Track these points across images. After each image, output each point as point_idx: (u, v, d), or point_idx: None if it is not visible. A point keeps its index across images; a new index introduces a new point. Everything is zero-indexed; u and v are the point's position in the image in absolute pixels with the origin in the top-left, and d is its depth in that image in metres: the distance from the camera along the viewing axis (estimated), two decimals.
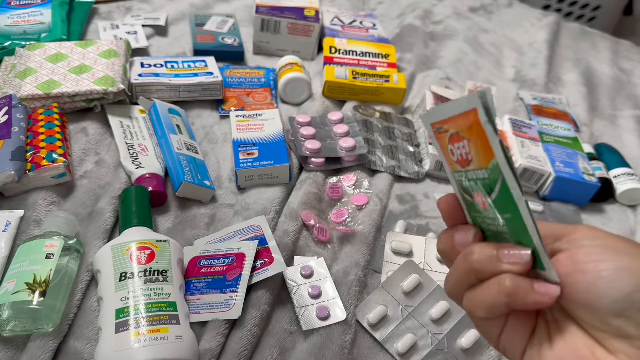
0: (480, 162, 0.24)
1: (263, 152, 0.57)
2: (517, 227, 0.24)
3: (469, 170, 0.25)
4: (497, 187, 0.24)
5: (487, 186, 0.24)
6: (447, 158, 0.26)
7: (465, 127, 0.24)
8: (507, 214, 0.24)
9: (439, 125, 0.26)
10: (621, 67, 0.94)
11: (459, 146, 0.25)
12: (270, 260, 0.47)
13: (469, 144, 0.24)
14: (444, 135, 0.26)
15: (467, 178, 0.25)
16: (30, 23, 0.71)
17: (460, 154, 0.25)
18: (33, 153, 0.51)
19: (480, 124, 0.23)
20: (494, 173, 0.23)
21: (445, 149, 0.26)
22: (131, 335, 0.38)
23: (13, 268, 0.42)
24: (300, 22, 0.76)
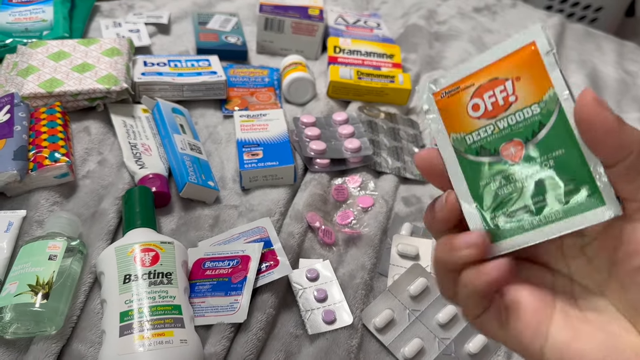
0: (529, 99, 0.23)
1: (268, 152, 0.57)
2: (570, 162, 0.22)
3: (503, 116, 0.24)
4: (551, 120, 0.23)
5: (534, 125, 0.23)
6: (454, 121, 0.25)
7: (510, 67, 0.24)
8: (559, 150, 0.23)
9: (453, 86, 0.25)
10: (626, 69, 0.93)
11: (492, 94, 0.24)
12: (275, 263, 0.46)
13: (514, 83, 0.24)
14: (460, 94, 0.25)
15: (494, 129, 0.24)
16: (32, 20, 0.71)
17: (495, 102, 0.24)
18: (35, 152, 0.51)
19: (538, 55, 0.23)
20: (550, 104, 0.23)
21: (455, 110, 0.25)
22: (135, 339, 0.38)
23: (15, 270, 0.42)
24: (304, 22, 0.75)
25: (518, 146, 0.24)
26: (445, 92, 0.26)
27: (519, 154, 0.24)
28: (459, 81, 0.25)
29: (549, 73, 0.23)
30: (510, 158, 0.24)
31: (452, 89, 0.25)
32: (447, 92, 0.26)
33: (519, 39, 0.24)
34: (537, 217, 0.23)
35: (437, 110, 0.26)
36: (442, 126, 0.26)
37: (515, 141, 0.24)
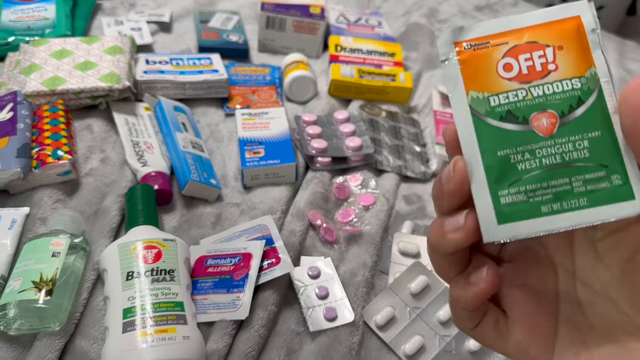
0: (570, 72, 0.21)
1: (269, 151, 0.57)
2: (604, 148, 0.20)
3: (538, 83, 0.22)
4: (590, 99, 0.21)
5: (573, 99, 0.21)
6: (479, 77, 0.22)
7: (552, 34, 0.22)
8: (595, 132, 0.21)
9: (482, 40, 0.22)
10: (627, 68, 0.93)
11: (533, 56, 0.22)
12: (277, 261, 0.46)
13: (555, 51, 0.22)
14: (492, 50, 0.22)
15: (527, 95, 0.22)
16: (35, 19, 0.71)
17: (532, 66, 0.22)
18: (38, 150, 0.51)
19: (584, 31, 0.21)
20: (590, 82, 0.21)
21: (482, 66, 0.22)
22: (138, 335, 0.38)
23: (19, 266, 0.42)
24: (305, 20, 0.75)
25: (552, 118, 0.21)
26: (470, 44, 0.22)
27: (551, 127, 0.21)
28: (491, 35, 0.22)
29: (592, 51, 0.21)
30: (541, 130, 0.21)
31: (481, 43, 0.22)
32: (474, 45, 0.22)
33: (565, 9, 0.22)
34: (558, 203, 0.21)
35: (456, 62, 0.22)
36: (461, 81, 0.22)
37: (549, 112, 0.21)
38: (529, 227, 0.21)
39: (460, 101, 0.22)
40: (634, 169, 0.20)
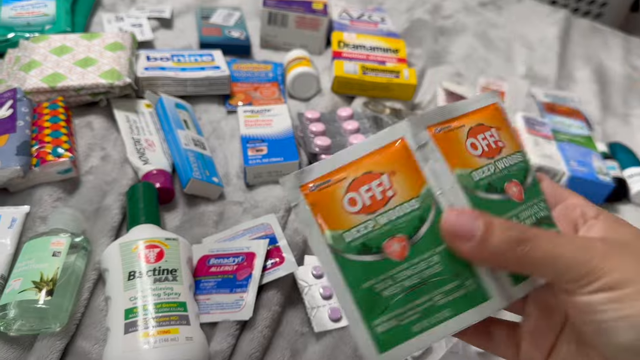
0: (407, 194, 0.23)
1: (272, 148, 0.56)
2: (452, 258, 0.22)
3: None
4: (430, 215, 0.23)
5: (415, 220, 0.23)
6: (328, 217, 0.23)
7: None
8: (442, 246, 0.23)
9: (323, 179, 0.23)
10: (633, 64, 0.92)
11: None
12: (281, 260, 0.46)
13: (390, 177, 0.23)
14: (333, 187, 0.23)
15: (375, 225, 0.23)
16: (34, 15, 0.70)
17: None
18: (38, 148, 0.50)
19: (408, 150, 0.23)
20: (426, 200, 0.23)
21: (329, 205, 0.23)
22: (140, 336, 0.37)
23: (19, 266, 0.41)
24: (308, 16, 0.74)
25: (402, 242, 0.22)
26: (314, 186, 0.23)
27: (403, 251, 0.22)
28: (331, 173, 0.23)
29: (421, 169, 0.23)
30: (395, 256, 0.22)
31: (323, 182, 0.23)
32: (317, 186, 0.23)
33: (389, 133, 0.23)
34: (426, 320, 0.22)
35: (306, 205, 0.23)
36: (315, 223, 0.23)
37: (398, 237, 0.23)
38: (407, 349, 0.22)
39: (319, 243, 0.23)
40: (483, 270, 0.22)
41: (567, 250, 0.21)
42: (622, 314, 0.20)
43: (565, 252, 0.21)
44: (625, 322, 0.20)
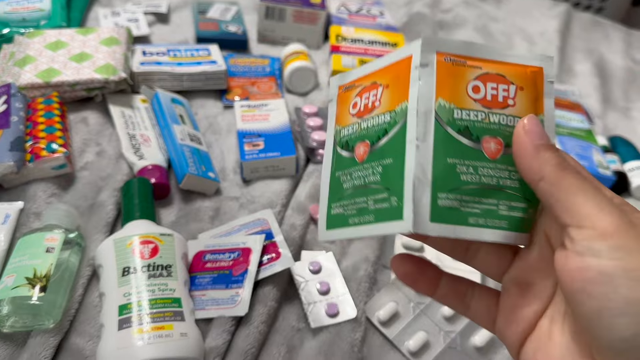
0: (387, 107, 0.24)
1: (269, 143, 0.56)
2: (393, 173, 0.23)
3: (366, 118, 0.25)
4: (393, 130, 0.24)
5: (381, 131, 0.24)
6: (341, 114, 0.27)
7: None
8: (389, 159, 0.24)
9: (352, 83, 0.27)
10: (634, 58, 0.92)
11: (368, 96, 0.25)
12: (277, 256, 0.45)
13: (384, 90, 0.25)
14: (352, 91, 0.27)
15: (358, 128, 0.25)
16: (30, 10, 0.69)
17: (366, 104, 0.25)
18: (32, 143, 0.50)
19: (409, 68, 0.24)
20: (399, 116, 0.24)
21: (344, 105, 0.27)
22: (135, 332, 0.37)
23: (12, 262, 0.41)
24: (305, 10, 0.73)
25: (365, 147, 0.25)
26: (345, 87, 0.27)
27: (363, 155, 0.25)
28: (356, 79, 0.27)
29: (410, 87, 0.23)
30: (358, 157, 0.25)
31: (349, 86, 0.27)
32: (346, 88, 0.27)
33: (403, 50, 0.25)
34: (358, 217, 0.24)
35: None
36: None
37: (364, 142, 0.25)
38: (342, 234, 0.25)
39: (330, 133, 0.27)
40: (410, 192, 0.22)
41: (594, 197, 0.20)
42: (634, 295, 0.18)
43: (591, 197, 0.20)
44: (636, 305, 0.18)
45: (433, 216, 0.22)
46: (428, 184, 0.22)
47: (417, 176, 0.22)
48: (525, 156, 0.22)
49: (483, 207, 0.23)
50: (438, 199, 0.22)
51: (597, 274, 0.18)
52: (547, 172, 0.21)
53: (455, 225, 0.23)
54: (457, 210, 0.23)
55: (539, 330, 0.23)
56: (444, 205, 0.22)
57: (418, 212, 0.22)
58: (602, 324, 0.19)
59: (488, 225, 0.23)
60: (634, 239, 0.18)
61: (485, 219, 0.23)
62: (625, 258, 0.18)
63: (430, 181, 0.22)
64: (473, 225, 0.23)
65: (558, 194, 0.20)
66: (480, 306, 0.26)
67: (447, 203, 0.23)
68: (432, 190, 0.22)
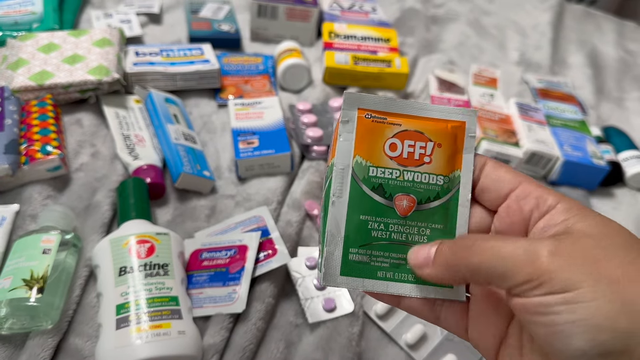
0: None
1: (263, 141, 0.56)
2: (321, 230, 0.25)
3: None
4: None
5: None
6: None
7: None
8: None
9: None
10: (627, 48, 0.92)
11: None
12: (273, 252, 0.45)
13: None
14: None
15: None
16: (22, 13, 0.69)
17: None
18: (27, 146, 0.50)
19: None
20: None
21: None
22: (132, 331, 0.37)
23: (9, 264, 0.41)
24: (298, 7, 0.74)
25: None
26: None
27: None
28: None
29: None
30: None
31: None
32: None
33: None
34: (392, 272, 0.24)
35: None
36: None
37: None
38: (361, 284, 0.24)
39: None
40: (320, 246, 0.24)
41: (510, 253, 0.20)
42: (576, 317, 0.18)
43: (508, 255, 0.20)
44: (580, 326, 0.18)
45: (343, 270, 0.24)
46: (341, 239, 0.24)
47: (331, 231, 0.24)
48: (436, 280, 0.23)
49: (392, 261, 0.24)
50: (349, 254, 0.24)
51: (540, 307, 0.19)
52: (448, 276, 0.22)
53: (364, 278, 0.24)
54: (366, 264, 0.24)
55: (511, 336, 0.23)
56: (354, 260, 0.24)
57: (329, 266, 0.24)
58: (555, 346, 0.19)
59: (395, 279, 0.24)
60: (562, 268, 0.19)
61: (393, 272, 0.24)
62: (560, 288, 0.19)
63: (343, 236, 0.24)
64: (381, 278, 0.24)
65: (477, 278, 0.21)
66: (449, 315, 0.25)
67: (357, 258, 0.24)
68: (344, 245, 0.24)
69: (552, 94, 0.74)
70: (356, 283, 0.24)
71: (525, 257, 0.19)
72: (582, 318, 0.18)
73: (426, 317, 0.26)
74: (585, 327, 0.18)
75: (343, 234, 0.24)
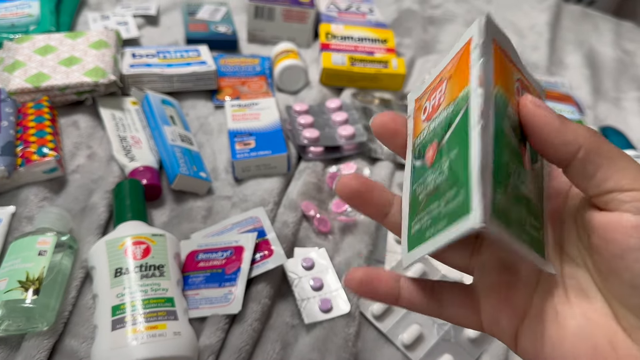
0: (450, 98, 0.21)
1: (260, 142, 0.56)
2: (459, 163, 0.19)
3: (434, 117, 0.22)
4: (457, 119, 0.20)
5: (447, 125, 0.21)
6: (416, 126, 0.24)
7: (450, 67, 0.22)
8: (455, 150, 0.20)
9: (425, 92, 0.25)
10: (624, 48, 0.92)
11: (435, 95, 0.23)
12: (270, 253, 0.45)
13: (447, 83, 0.22)
14: (423, 98, 0.25)
15: (427, 131, 0.23)
16: (19, 16, 0.69)
17: (433, 104, 0.23)
18: (23, 148, 0.50)
19: (469, 52, 0.21)
20: (462, 102, 0.20)
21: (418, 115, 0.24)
22: (128, 332, 0.37)
23: (5, 266, 0.41)
24: (295, 9, 0.74)
25: (433, 148, 0.22)
26: (419, 97, 0.25)
27: (432, 157, 0.22)
28: (428, 86, 0.25)
29: (471, 69, 0.20)
30: (428, 161, 0.22)
31: (422, 95, 0.25)
32: (419, 97, 0.25)
33: (464, 36, 0.22)
34: (433, 227, 0.21)
35: (412, 117, 0.25)
36: (411, 133, 0.24)
37: (433, 143, 0.22)
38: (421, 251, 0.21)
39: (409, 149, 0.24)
40: (477, 177, 0.18)
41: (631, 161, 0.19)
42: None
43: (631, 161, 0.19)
44: None
45: (495, 212, 0.19)
46: (490, 174, 0.19)
47: (483, 165, 0.19)
48: (552, 131, 0.20)
49: (519, 217, 0.21)
50: (497, 194, 0.19)
51: None
52: (584, 139, 0.19)
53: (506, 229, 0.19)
54: (506, 213, 0.20)
55: (538, 306, 0.22)
56: (500, 204, 0.19)
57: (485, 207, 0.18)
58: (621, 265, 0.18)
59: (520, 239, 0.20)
60: None
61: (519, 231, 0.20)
62: None
63: (491, 172, 0.19)
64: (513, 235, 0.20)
65: (600, 160, 0.19)
66: (454, 300, 0.24)
67: (502, 201, 0.20)
68: (493, 184, 0.19)
69: (550, 94, 0.74)
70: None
71: None
72: None
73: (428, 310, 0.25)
74: None
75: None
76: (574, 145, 0.19)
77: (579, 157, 0.20)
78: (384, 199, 0.25)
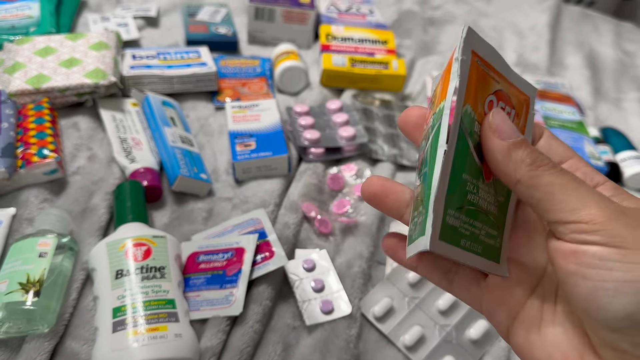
0: (436, 105, 0.21)
1: (261, 143, 0.56)
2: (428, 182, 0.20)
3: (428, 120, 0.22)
4: (433, 132, 0.21)
5: (429, 133, 0.22)
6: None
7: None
8: (427, 166, 0.21)
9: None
10: (624, 49, 0.92)
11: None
12: (271, 254, 0.45)
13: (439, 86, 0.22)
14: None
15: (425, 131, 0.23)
16: (19, 17, 0.69)
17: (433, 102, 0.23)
18: (24, 149, 0.50)
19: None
20: (438, 116, 0.21)
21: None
22: (129, 334, 0.37)
23: (5, 268, 0.41)
24: (295, 10, 0.74)
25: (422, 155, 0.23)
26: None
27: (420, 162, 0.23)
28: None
29: (450, 82, 0.20)
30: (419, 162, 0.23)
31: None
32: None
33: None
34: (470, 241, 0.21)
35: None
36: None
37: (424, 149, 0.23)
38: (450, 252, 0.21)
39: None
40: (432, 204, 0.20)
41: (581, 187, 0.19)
42: (630, 277, 0.17)
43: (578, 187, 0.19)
44: (633, 287, 0.17)
45: (442, 234, 0.20)
46: (443, 197, 0.20)
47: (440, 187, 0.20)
48: (497, 159, 0.20)
49: (473, 230, 0.21)
50: (447, 216, 0.20)
51: (591, 257, 0.18)
52: (522, 174, 0.20)
53: (453, 246, 0.21)
54: (455, 230, 0.21)
55: (529, 309, 0.23)
56: (449, 224, 0.20)
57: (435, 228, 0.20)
58: (597, 304, 0.18)
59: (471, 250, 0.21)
60: (624, 226, 0.18)
61: (471, 242, 0.21)
62: (618, 243, 0.18)
63: (446, 195, 0.20)
64: (463, 248, 0.21)
65: (538, 195, 0.20)
66: (463, 283, 0.25)
67: (452, 222, 0.20)
68: (445, 205, 0.20)
69: (550, 95, 0.74)
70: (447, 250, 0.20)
71: (592, 197, 0.19)
72: (637, 279, 0.17)
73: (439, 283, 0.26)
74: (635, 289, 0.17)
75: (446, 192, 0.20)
76: (513, 178, 0.20)
77: (518, 191, 0.20)
78: (399, 202, 0.25)
